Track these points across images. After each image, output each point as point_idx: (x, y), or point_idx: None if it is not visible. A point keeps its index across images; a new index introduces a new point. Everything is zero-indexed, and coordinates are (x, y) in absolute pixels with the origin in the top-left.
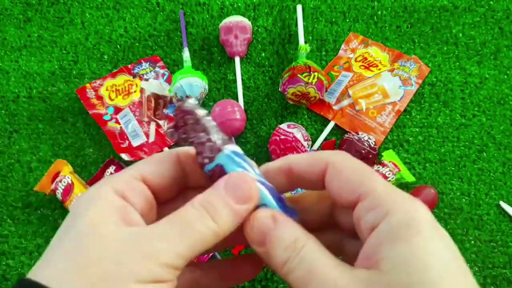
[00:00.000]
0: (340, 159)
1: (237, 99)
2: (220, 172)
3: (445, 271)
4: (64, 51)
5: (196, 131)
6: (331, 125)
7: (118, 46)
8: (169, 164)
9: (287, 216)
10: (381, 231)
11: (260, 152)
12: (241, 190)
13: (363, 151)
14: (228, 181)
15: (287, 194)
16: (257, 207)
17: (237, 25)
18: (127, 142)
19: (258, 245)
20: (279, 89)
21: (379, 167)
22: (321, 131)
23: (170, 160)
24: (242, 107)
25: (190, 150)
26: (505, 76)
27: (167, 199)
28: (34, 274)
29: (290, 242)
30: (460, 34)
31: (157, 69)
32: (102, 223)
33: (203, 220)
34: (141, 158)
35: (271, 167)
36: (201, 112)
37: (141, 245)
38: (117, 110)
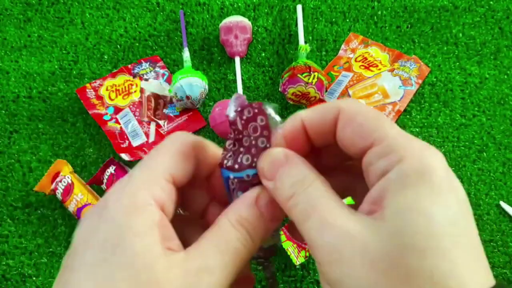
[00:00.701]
0: (353, 105)
1: None
2: (241, 182)
3: (449, 226)
4: (64, 51)
5: (256, 132)
6: None
7: (118, 46)
8: (193, 159)
9: None
10: (390, 177)
11: None
12: (276, 209)
13: None
14: (263, 199)
15: None
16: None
17: (237, 25)
18: (127, 142)
19: (269, 178)
20: (279, 89)
21: None
22: None
23: (192, 154)
24: None
25: (206, 144)
26: (505, 76)
27: (182, 192)
28: None
29: (298, 179)
30: (460, 34)
31: (157, 69)
32: (148, 251)
33: (244, 242)
34: (141, 158)
35: (288, 132)
36: (276, 122)
37: (194, 283)
38: (117, 110)
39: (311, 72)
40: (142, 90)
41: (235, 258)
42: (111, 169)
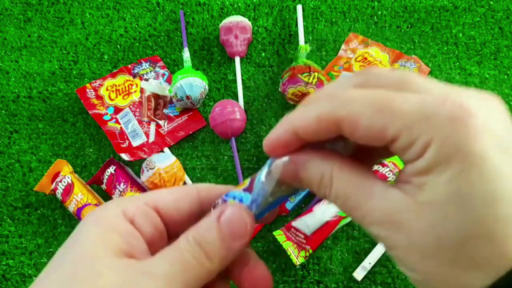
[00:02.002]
0: (348, 110)
1: (237, 99)
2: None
3: (498, 207)
4: (64, 51)
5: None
6: None
7: (118, 46)
8: (187, 199)
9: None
10: (423, 162)
11: (260, 152)
12: (238, 227)
13: None
14: (225, 216)
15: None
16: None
17: (237, 25)
18: (127, 142)
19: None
20: (279, 89)
21: (379, 167)
22: None
23: (189, 195)
24: (242, 107)
25: (211, 188)
26: (505, 76)
27: (180, 233)
28: None
29: (318, 180)
30: (460, 34)
31: (157, 69)
32: (99, 253)
33: (199, 259)
34: (141, 158)
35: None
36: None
37: (134, 283)
38: (117, 110)
39: (311, 72)
40: (142, 90)
41: (186, 272)
42: (111, 169)
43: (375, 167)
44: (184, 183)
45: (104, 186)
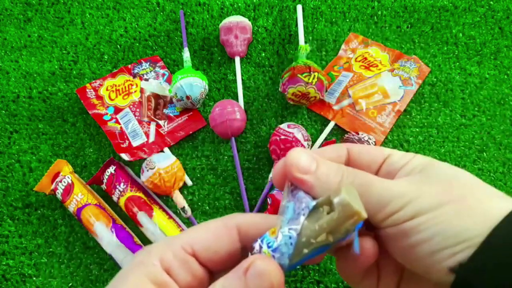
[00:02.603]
0: (356, 145)
1: (237, 99)
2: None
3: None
4: (64, 51)
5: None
6: (331, 125)
7: (118, 46)
8: (226, 239)
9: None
10: (411, 165)
11: (260, 152)
12: (263, 284)
13: None
14: (252, 271)
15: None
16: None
17: (237, 25)
18: (127, 142)
19: (305, 171)
20: (279, 89)
21: None
22: (321, 131)
23: (227, 234)
24: (242, 107)
25: (251, 222)
26: (505, 76)
27: (222, 270)
28: None
29: (340, 167)
30: (460, 34)
31: (157, 69)
32: None
33: None
34: (141, 158)
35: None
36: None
37: None
38: (117, 110)
39: (311, 72)
40: (142, 90)
41: None
42: (111, 169)
43: None
44: (184, 183)
45: (104, 186)
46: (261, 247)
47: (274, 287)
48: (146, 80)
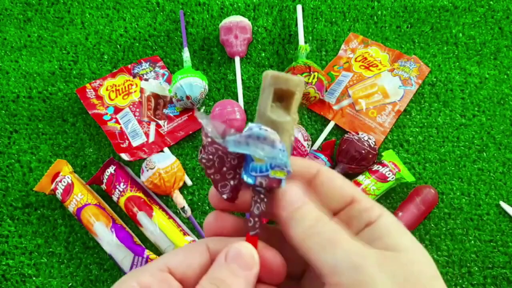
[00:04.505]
0: (330, 171)
1: (237, 99)
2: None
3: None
4: (64, 51)
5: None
6: (331, 125)
7: (118, 46)
8: (197, 253)
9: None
10: (381, 225)
11: None
12: (243, 259)
13: (363, 151)
14: (227, 254)
15: None
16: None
17: (237, 25)
18: (127, 142)
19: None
20: None
21: (379, 167)
22: (321, 131)
23: (199, 249)
24: (242, 107)
25: (219, 239)
26: (505, 76)
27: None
28: None
29: (314, 217)
30: (460, 34)
31: (157, 69)
32: None
33: None
34: (141, 158)
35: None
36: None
37: None
38: (117, 110)
39: (311, 72)
40: (142, 90)
41: None
42: (111, 169)
43: (375, 167)
44: (184, 183)
45: (104, 186)
46: (262, 175)
47: (254, 258)
48: (146, 80)
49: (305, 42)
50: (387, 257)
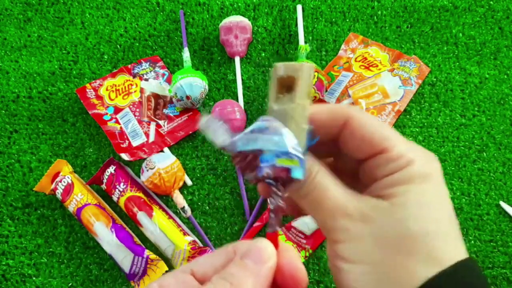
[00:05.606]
0: (363, 114)
1: (237, 99)
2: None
3: (441, 216)
4: (64, 51)
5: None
6: None
7: (118, 46)
8: (223, 254)
9: (309, 143)
10: (401, 175)
11: None
12: (255, 252)
13: None
14: (244, 252)
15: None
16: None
17: (237, 25)
18: (127, 142)
19: None
20: None
21: None
22: None
23: (225, 250)
24: (242, 107)
25: (247, 243)
26: (505, 76)
27: None
28: None
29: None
30: (460, 34)
31: (157, 69)
32: None
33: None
34: (141, 158)
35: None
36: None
37: None
38: (117, 110)
39: None
40: (142, 90)
41: None
42: (111, 169)
43: None
44: (184, 183)
45: (104, 186)
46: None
47: (268, 252)
48: (146, 80)
49: (305, 42)
50: (377, 209)
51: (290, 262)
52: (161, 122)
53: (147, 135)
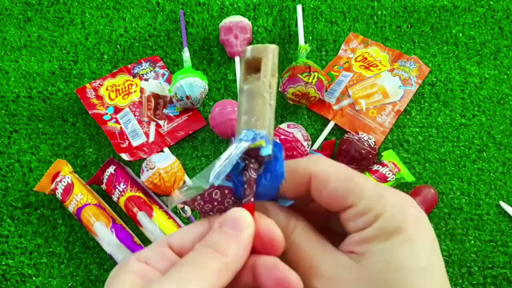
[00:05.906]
0: (322, 168)
1: (237, 99)
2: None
3: (420, 272)
4: (64, 51)
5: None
6: (331, 125)
7: (118, 46)
8: (198, 226)
9: (282, 204)
10: (369, 232)
11: None
12: (234, 221)
13: (363, 151)
14: (221, 220)
15: None
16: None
17: (237, 25)
18: (127, 142)
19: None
20: (279, 89)
21: (379, 167)
22: (321, 131)
23: (200, 223)
24: None
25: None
26: (505, 76)
27: None
28: None
29: (282, 227)
30: (460, 34)
31: (157, 69)
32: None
33: (214, 257)
34: (141, 158)
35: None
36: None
37: None
38: (117, 110)
39: (311, 72)
40: (142, 90)
41: (202, 269)
42: (111, 169)
43: (375, 167)
44: (184, 183)
45: (104, 186)
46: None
47: (247, 219)
48: (146, 80)
49: (305, 42)
50: (351, 263)
51: (267, 228)
52: (161, 122)
53: (147, 135)
